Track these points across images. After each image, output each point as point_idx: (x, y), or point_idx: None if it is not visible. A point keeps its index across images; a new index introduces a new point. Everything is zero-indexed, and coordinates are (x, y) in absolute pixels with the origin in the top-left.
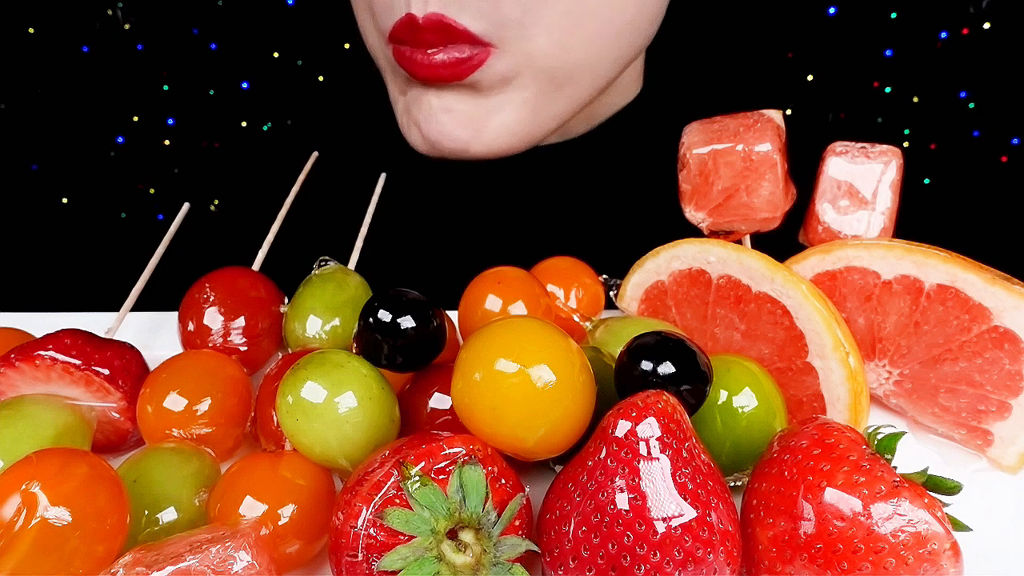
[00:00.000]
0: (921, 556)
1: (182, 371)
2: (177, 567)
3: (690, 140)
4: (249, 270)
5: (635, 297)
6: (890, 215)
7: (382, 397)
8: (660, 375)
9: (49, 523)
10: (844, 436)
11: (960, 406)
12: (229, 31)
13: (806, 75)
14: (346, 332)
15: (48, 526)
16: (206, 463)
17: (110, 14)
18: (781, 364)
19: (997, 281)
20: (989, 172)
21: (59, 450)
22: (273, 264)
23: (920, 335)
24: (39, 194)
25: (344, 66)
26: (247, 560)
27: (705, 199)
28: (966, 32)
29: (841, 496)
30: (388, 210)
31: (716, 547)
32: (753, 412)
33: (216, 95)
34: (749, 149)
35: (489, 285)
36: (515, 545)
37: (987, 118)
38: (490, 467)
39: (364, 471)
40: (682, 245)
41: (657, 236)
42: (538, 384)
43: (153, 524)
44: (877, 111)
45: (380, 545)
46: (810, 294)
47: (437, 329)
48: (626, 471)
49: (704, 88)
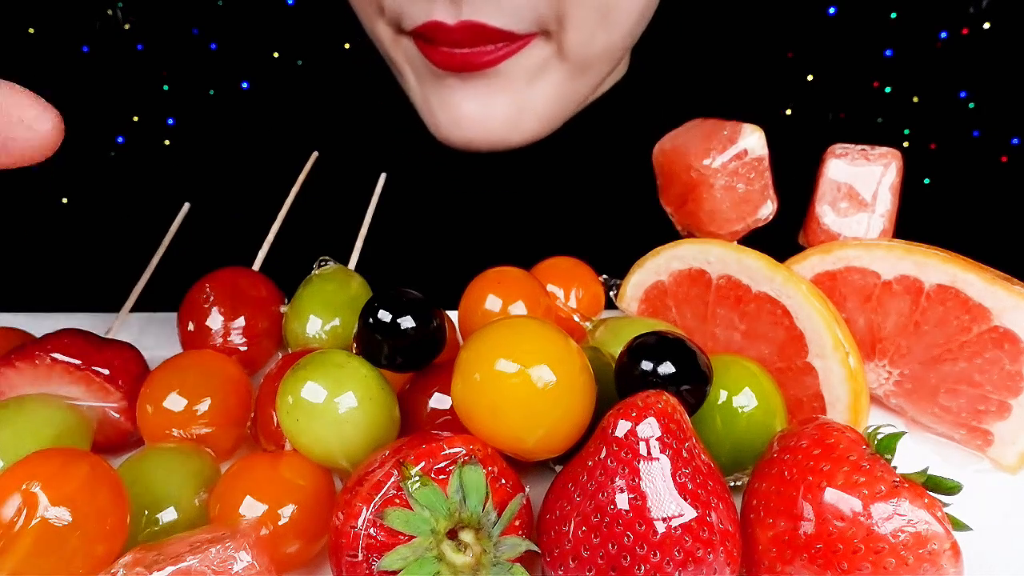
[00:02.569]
0: (921, 556)
1: (182, 371)
2: (177, 567)
3: (667, 135)
4: (249, 270)
5: (635, 297)
6: (890, 217)
7: (382, 397)
8: (660, 375)
9: (49, 523)
10: (844, 436)
11: (960, 406)
12: (229, 31)
13: (806, 75)
14: (346, 332)
15: (48, 526)
16: (206, 463)
17: (110, 14)
18: (781, 364)
19: (997, 281)
20: (989, 172)
21: (59, 450)
22: (273, 264)
23: (920, 335)
24: (39, 194)
25: (344, 66)
26: (247, 560)
27: (667, 197)
28: (966, 32)
29: (841, 496)
30: (388, 210)
31: (716, 547)
32: (753, 412)
33: (216, 95)
34: (693, 163)
35: (489, 285)
36: (515, 545)
37: (987, 118)
38: (490, 467)
39: (364, 471)
40: (682, 245)
41: (656, 231)
42: (538, 384)
43: (153, 524)
44: (877, 111)
45: (380, 545)
46: (810, 294)
47: (437, 329)
48: (626, 471)
49: (702, 86)
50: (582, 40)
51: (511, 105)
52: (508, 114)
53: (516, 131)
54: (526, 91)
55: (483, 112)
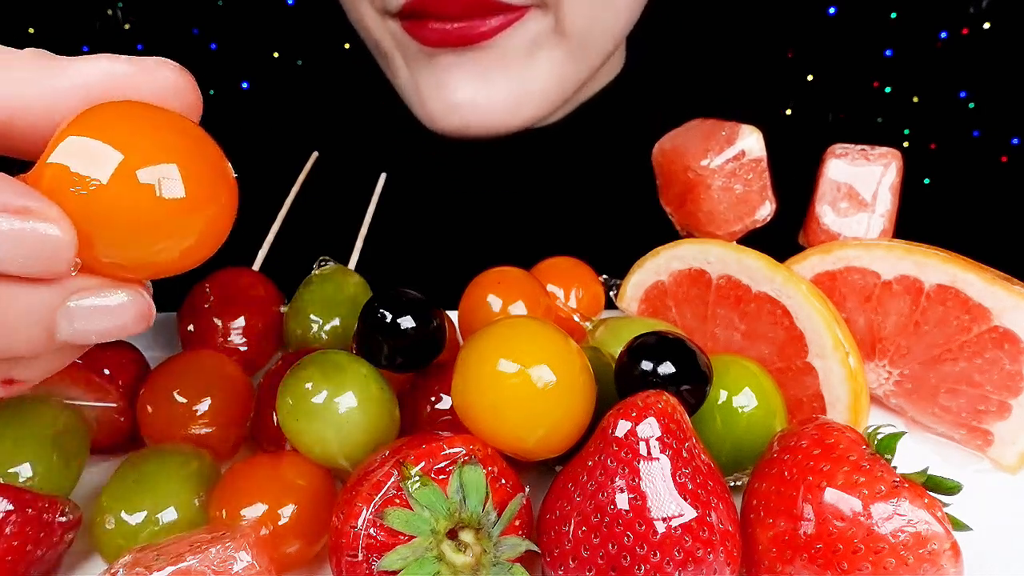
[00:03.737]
0: (921, 556)
1: (182, 371)
2: (177, 567)
3: (666, 135)
4: (249, 270)
5: (635, 297)
6: (889, 217)
7: (382, 397)
8: (660, 375)
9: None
10: (844, 436)
11: (960, 406)
12: (229, 31)
13: (806, 75)
14: (346, 332)
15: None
16: (206, 463)
17: (110, 14)
18: (781, 364)
19: (997, 281)
20: (989, 172)
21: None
22: (273, 264)
23: (920, 335)
24: None
25: (344, 66)
26: (247, 560)
27: (666, 197)
28: (966, 32)
29: (841, 496)
30: (388, 210)
31: (716, 547)
32: (753, 412)
33: (216, 95)
34: (691, 163)
35: (489, 285)
36: (515, 545)
37: (987, 118)
38: (490, 467)
39: (364, 471)
40: (682, 245)
41: (656, 231)
42: (538, 384)
43: (153, 524)
44: (877, 111)
45: (380, 545)
46: (810, 294)
47: (437, 329)
48: (626, 471)
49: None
50: (580, 13)
51: (509, 86)
52: (506, 96)
53: (515, 114)
54: (524, 70)
55: (479, 95)
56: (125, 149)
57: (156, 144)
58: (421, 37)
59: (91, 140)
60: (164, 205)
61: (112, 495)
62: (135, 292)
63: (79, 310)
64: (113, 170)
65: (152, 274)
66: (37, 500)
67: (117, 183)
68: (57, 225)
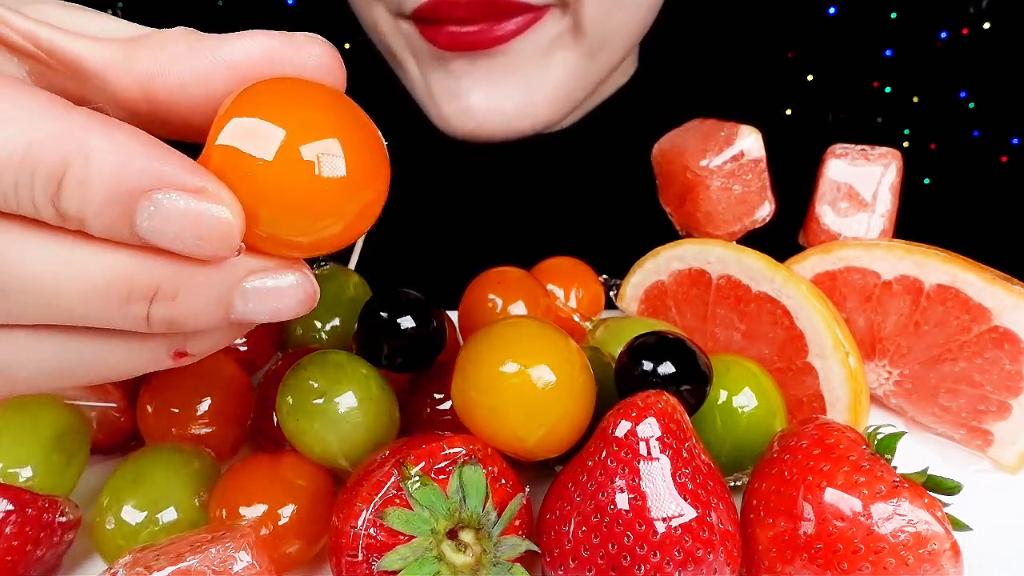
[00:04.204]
0: (921, 556)
1: (182, 371)
2: (177, 567)
3: (666, 135)
4: None
5: (635, 297)
6: (889, 217)
7: (382, 397)
8: (660, 375)
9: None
10: (844, 436)
11: (960, 406)
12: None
13: (806, 75)
14: (346, 332)
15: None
16: (206, 463)
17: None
18: (781, 364)
19: (997, 281)
20: (989, 172)
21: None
22: None
23: (920, 335)
24: None
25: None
26: (247, 560)
27: (666, 197)
28: (966, 32)
29: (841, 496)
30: (388, 210)
31: (716, 547)
32: (753, 412)
33: None
34: (689, 164)
35: (489, 285)
36: (515, 545)
37: (987, 118)
38: (490, 467)
39: (364, 471)
40: (682, 245)
41: (656, 231)
42: (538, 384)
43: (153, 524)
44: (877, 111)
45: (380, 545)
46: (810, 294)
47: (437, 329)
48: (626, 471)
49: (703, 87)
50: (599, 13)
51: (521, 91)
52: (518, 102)
53: (526, 119)
54: (537, 73)
55: (492, 102)
56: (294, 128)
57: (322, 121)
58: (435, 40)
59: (259, 120)
60: (332, 183)
61: (112, 495)
62: (303, 274)
63: (254, 291)
64: (279, 148)
65: (310, 251)
66: (37, 500)
67: (284, 161)
68: (229, 208)
